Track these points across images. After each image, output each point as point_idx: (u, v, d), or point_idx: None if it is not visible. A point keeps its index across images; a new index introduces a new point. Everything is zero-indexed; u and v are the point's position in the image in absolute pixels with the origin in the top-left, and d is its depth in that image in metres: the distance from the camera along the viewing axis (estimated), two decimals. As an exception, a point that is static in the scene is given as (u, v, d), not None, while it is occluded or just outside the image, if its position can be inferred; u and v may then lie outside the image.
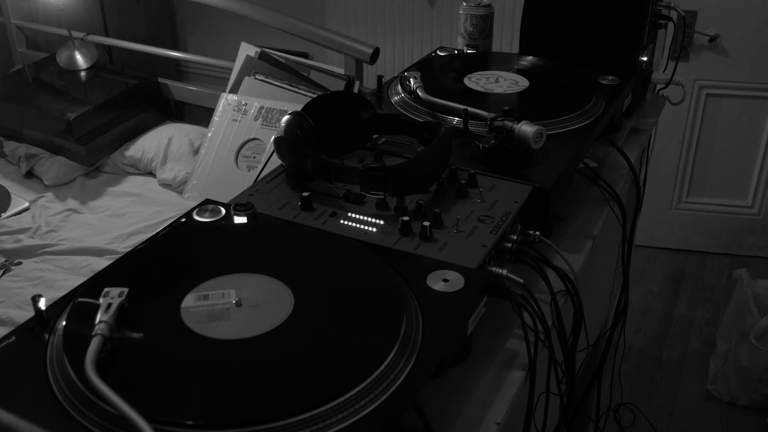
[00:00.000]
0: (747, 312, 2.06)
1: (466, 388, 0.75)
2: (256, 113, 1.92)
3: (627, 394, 1.97)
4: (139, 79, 2.20)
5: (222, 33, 3.14)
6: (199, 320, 0.63)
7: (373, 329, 0.63)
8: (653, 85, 1.48)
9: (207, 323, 0.63)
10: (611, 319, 1.43)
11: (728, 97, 2.57)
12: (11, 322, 1.47)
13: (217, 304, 0.65)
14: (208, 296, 0.66)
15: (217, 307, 0.65)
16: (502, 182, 0.91)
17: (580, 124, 1.06)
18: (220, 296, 0.66)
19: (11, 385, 0.58)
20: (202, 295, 0.66)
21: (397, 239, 0.79)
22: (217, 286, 0.68)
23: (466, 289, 0.69)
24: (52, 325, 0.64)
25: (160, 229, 0.79)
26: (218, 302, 0.66)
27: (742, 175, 2.69)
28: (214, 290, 0.67)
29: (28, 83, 2.21)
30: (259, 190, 0.88)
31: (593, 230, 1.04)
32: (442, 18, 2.72)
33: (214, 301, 0.66)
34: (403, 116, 1.07)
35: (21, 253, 1.72)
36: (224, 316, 0.64)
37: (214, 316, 0.64)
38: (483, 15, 1.43)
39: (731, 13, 2.43)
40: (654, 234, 2.82)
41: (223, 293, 0.67)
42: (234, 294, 0.66)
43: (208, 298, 0.66)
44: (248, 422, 0.53)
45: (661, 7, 1.33)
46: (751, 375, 2.07)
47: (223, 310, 0.65)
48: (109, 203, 1.94)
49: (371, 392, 0.57)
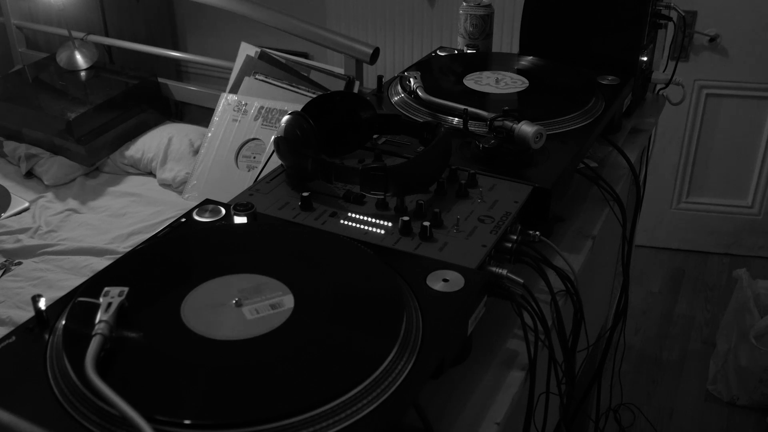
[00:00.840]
0: (747, 312, 2.06)
1: (466, 388, 0.75)
2: (256, 113, 1.92)
3: (627, 394, 1.96)
4: (139, 79, 2.20)
5: (222, 33, 3.14)
6: (199, 320, 0.63)
7: (373, 329, 0.63)
8: (653, 85, 1.48)
9: (207, 323, 0.63)
10: (611, 319, 1.43)
11: (728, 97, 2.57)
12: (11, 322, 1.47)
13: (217, 304, 0.65)
14: (208, 296, 0.66)
15: (217, 307, 0.65)
16: (502, 182, 0.91)
17: (580, 124, 1.06)
18: (220, 296, 0.66)
19: (11, 385, 0.58)
20: (202, 295, 0.66)
21: (397, 239, 0.79)
22: (217, 286, 0.68)
23: (466, 289, 0.69)
24: (52, 325, 0.64)
25: (160, 229, 0.79)
26: (218, 302, 0.66)
27: (742, 175, 2.69)
28: (214, 290, 0.67)
29: (28, 83, 2.21)
30: (259, 190, 0.88)
31: (593, 230, 1.04)
32: (442, 18, 2.72)
33: (214, 301, 0.66)
34: (403, 116, 1.07)
35: (21, 253, 1.72)
36: (224, 316, 0.64)
37: (214, 316, 0.64)
38: (483, 15, 1.43)
39: (731, 13, 2.43)
40: (654, 234, 2.82)
41: (223, 293, 0.67)
42: (234, 294, 0.66)
43: (208, 298, 0.66)
44: (248, 422, 0.53)
45: (661, 7, 1.33)
46: (751, 375, 2.07)
47: (223, 310, 0.65)
48: (109, 203, 1.94)
49: (371, 392, 0.57)
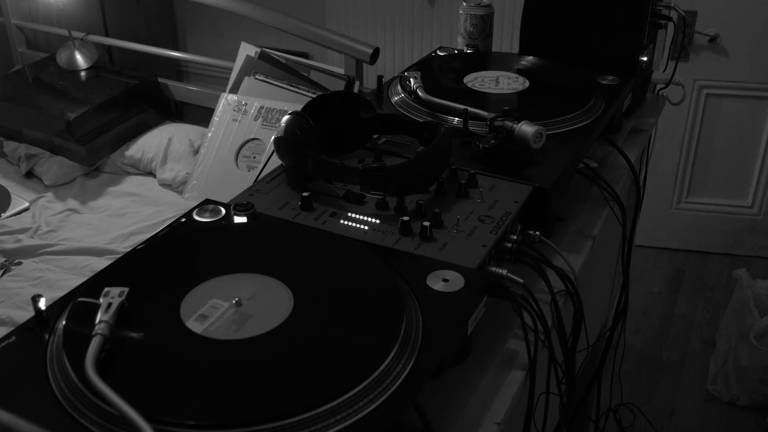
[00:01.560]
0: (747, 312, 2.06)
1: (466, 388, 0.75)
2: (256, 113, 1.92)
3: (627, 394, 1.97)
4: (139, 79, 2.20)
5: (222, 33, 3.14)
6: (200, 320, 0.63)
7: (373, 329, 0.63)
8: (653, 85, 1.48)
9: (207, 323, 0.63)
10: (611, 319, 1.43)
11: (728, 97, 2.57)
12: (11, 322, 1.47)
13: (217, 304, 0.65)
14: (208, 296, 0.66)
15: (217, 307, 0.65)
16: (502, 182, 0.91)
17: (580, 124, 1.06)
18: (220, 296, 0.66)
19: (11, 385, 0.58)
20: (202, 295, 0.66)
21: (397, 239, 0.79)
22: (217, 286, 0.68)
23: (466, 289, 0.69)
24: (52, 325, 0.64)
25: (160, 229, 0.79)
26: (218, 302, 0.66)
27: (742, 175, 2.69)
28: (214, 290, 0.67)
29: (28, 83, 2.21)
30: (259, 190, 0.88)
31: (593, 230, 1.04)
32: (442, 18, 2.72)
33: (214, 301, 0.66)
34: (403, 116, 1.07)
35: (21, 253, 1.72)
36: (224, 316, 0.64)
37: (215, 316, 0.64)
38: (483, 15, 1.43)
39: (731, 13, 2.43)
40: (654, 234, 2.82)
41: (223, 293, 0.67)
42: (234, 294, 0.66)
43: (208, 298, 0.66)
44: (248, 422, 0.53)
45: (661, 7, 1.33)
46: (751, 375, 2.07)
47: (223, 310, 0.65)
48: (109, 203, 1.94)
49: (371, 392, 0.57)
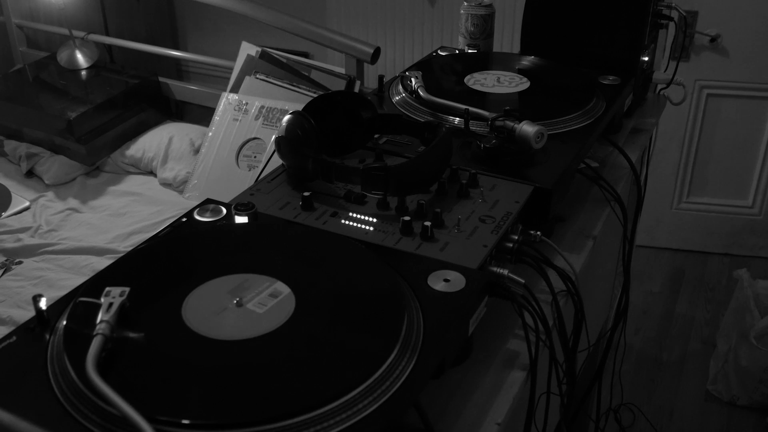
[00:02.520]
0: (747, 312, 2.06)
1: (467, 389, 0.75)
2: (257, 113, 1.92)
3: (627, 394, 1.96)
4: (140, 78, 2.20)
5: (222, 32, 3.14)
6: (201, 320, 0.63)
7: (374, 329, 0.63)
8: (654, 85, 1.48)
9: (208, 323, 0.63)
10: (612, 319, 1.43)
11: (729, 97, 2.57)
12: (12, 322, 1.47)
13: (218, 304, 0.65)
14: (209, 296, 0.66)
15: (218, 307, 0.65)
16: (503, 182, 0.91)
17: (581, 124, 1.06)
18: (221, 296, 0.66)
19: (11, 385, 0.58)
20: (204, 296, 0.66)
21: (398, 239, 0.78)
22: (218, 286, 0.68)
23: (467, 290, 0.69)
24: (53, 325, 0.64)
25: (160, 228, 0.79)
26: (219, 302, 0.65)
27: (742, 175, 2.69)
28: (216, 290, 0.67)
29: (28, 82, 2.21)
30: (259, 190, 0.88)
31: (594, 230, 1.04)
32: (443, 18, 2.72)
33: (215, 301, 0.66)
34: (404, 116, 1.07)
35: (21, 253, 1.72)
36: (225, 316, 0.64)
37: (216, 316, 0.64)
38: (484, 15, 1.43)
39: (732, 13, 2.42)
40: (654, 234, 2.82)
41: (224, 293, 0.67)
42: (235, 294, 0.66)
43: (209, 298, 0.66)
44: (249, 422, 0.53)
45: (662, 7, 1.33)
46: (751, 375, 2.07)
47: (224, 310, 0.65)
48: (109, 202, 1.94)
49: (372, 393, 0.57)
